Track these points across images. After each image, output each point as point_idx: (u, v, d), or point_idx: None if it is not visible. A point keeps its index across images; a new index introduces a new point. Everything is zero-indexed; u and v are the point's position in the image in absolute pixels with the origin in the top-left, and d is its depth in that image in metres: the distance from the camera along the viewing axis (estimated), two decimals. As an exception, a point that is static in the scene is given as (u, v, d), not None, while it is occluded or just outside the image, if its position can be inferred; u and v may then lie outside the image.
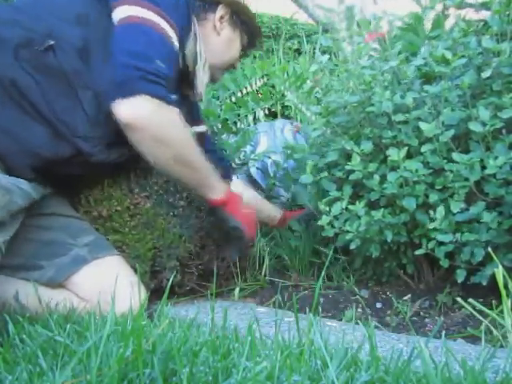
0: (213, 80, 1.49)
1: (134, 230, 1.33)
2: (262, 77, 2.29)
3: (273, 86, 2.58)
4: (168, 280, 1.31)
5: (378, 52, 1.44)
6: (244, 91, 2.28)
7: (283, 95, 2.39)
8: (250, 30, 1.50)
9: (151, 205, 1.36)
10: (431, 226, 1.19)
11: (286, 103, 2.61)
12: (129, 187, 1.36)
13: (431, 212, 1.19)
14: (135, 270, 1.24)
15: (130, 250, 1.32)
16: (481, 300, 1.10)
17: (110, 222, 1.33)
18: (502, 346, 0.93)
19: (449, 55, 1.20)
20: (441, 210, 1.18)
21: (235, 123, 2.17)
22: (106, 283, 1.15)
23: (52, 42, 1.15)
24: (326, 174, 1.43)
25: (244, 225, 1.39)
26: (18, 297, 1.19)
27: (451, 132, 1.19)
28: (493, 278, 1.00)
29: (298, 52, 4.11)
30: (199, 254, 1.43)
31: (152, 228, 1.35)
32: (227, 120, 2.11)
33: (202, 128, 1.57)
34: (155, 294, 1.31)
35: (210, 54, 1.39)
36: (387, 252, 1.40)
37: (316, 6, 4.53)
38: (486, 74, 1.17)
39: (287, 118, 2.62)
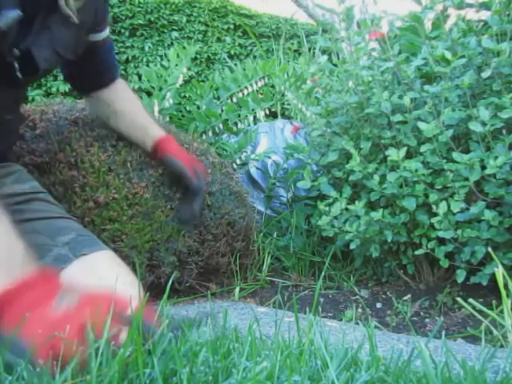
0: None
1: (132, 219, 1.30)
2: (263, 77, 2.29)
3: (273, 86, 2.58)
4: (166, 275, 1.31)
5: (377, 52, 1.44)
6: (245, 92, 2.27)
7: (283, 95, 2.39)
8: None
9: (150, 195, 1.33)
10: (433, 220, 1.19)
11: (286, 103, 2.61)
12: (127, 176, 1.34)
13: (433, 207, 1.19)
14: (131, 263, 1.20)
15: (128, 239, 1.29)
16: (481, 300, 1.11)
17: (106, 211, 1.30)
18: (502, 346, 0.93)
19: (449, 55, 1.20)
20: (443, 205, 1.18)
21: (236, 124, 2.17)
22: (100, 282, 1.12)
23: None
24: (324, 178, 1.44)
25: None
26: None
27: (450, 132, 1.19)
28: (493, 277, 1.00)
29: (298, 52, 4.12)
30: (199, 249, 1.41)
31: (151, 220, 1.32)
32: (227, 120, 2.12)
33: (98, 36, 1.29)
34: (154, 291, 1.30)
35: None
36: (387, 252, 1.40)
37: (316, 6, 4.53)
38: (485, 73, 1.17)
39: (287, 117, 2.62)
